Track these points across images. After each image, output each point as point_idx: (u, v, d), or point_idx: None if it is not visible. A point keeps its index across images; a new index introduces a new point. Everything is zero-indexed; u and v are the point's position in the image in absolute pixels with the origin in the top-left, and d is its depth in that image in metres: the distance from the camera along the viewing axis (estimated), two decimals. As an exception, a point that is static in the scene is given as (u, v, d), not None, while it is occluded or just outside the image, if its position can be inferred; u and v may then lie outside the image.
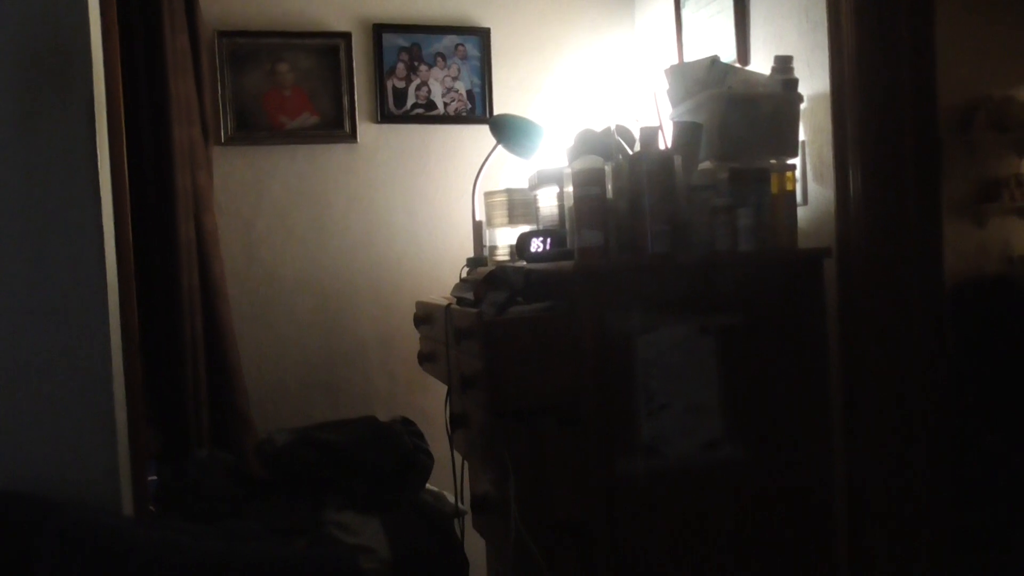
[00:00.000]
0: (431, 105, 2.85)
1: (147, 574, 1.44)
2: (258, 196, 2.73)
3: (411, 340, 2.66)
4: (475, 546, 2.48)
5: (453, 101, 2.87)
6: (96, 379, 1.62)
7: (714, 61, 2.02)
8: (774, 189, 1.83)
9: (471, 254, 2.55)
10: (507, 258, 2.30)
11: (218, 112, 2.65)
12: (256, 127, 2.71)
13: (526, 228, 2.23)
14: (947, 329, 1.96)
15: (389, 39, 2.80)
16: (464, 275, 2.29)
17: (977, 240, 3.97)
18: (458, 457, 2.27)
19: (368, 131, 2.81)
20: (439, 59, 2.85)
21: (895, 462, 1.92)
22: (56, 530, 1.45)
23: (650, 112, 2.30)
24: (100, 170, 1.63)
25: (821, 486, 1.86)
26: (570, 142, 2.03)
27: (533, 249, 1.97)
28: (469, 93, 2.88)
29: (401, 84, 2.82)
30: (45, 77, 1.59)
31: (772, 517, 1.81)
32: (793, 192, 1.85)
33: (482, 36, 2.88)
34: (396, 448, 2.25)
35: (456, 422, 2.15)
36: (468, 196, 2.66)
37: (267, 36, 2.70)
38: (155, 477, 2.08)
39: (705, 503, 1.77)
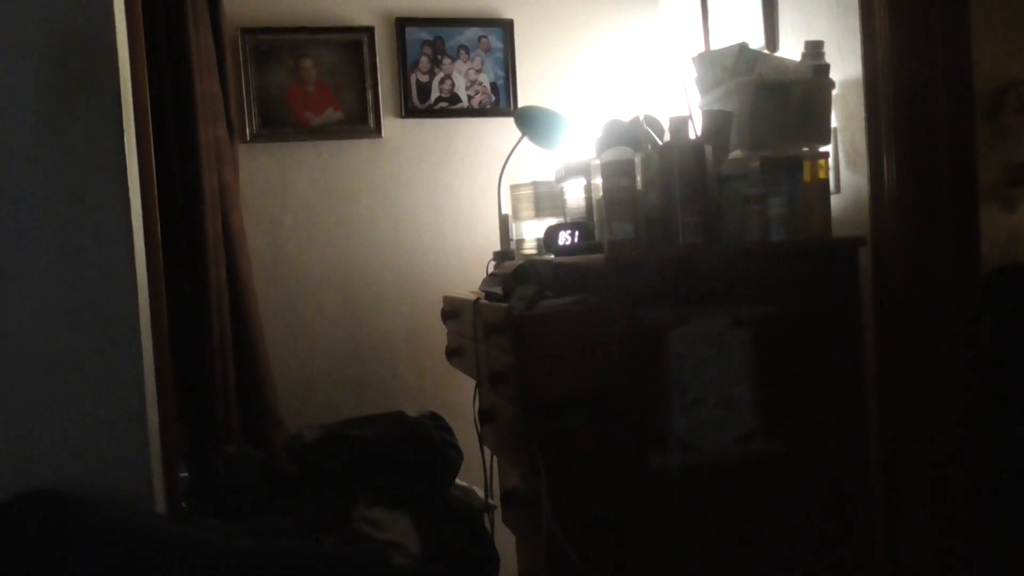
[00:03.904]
0: (455, 98, 2.84)
1: (180, 572, 1.44)
2: (284, 192, 2.73)
3: (438, 335, 2.65)
4: (505, 541, 2.47)
5: (477, 94, 2.85)
6: (128, 377, 1.62)
7: (742, 48, 1.98)
8: (807, 177, 1.80)
9: (498, 248, 2.54)
10: (534, 251, 2.28)
11: (243, 109, 2.66)
12: (281, 124, 2.71)
13: (553, 221, 2.22)
14: (983, 318, 1.92)
15: (412, 33, 2.79)
16: (492, 269, 2.28)
17: (1008, 226, 3.90)
18: (487, 452, 2.26)
19: (392, 126, 2.80)
20: (462, 52, 2.83)
21: (931, 452, 1.89)
22: (90, 527, 1.46)
23: (678, 101, 2.27)
24: (128, 169, 1.63)
25: (856, 477, 1.83)
26: (598, 133, 2.01)
27: (561, 242, 1.95)
28: (493, 85, 2.86)
29: (425, 78, 2.80)
30: (72, 78, 1.59)
31: (807, 509, 1.78)
32: (826, 180, 1.82)
33: (505, 28, 2.86)
34: (425, 443, 2.24)
35: (485, 417, 2.14)
36: (494, 189, 2.64)
37: (290, 32, 2.70)
38: (185, 474, 2.09)
39: (739, 497, 1.75)
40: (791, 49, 2.18)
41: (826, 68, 1.91)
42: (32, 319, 1.59)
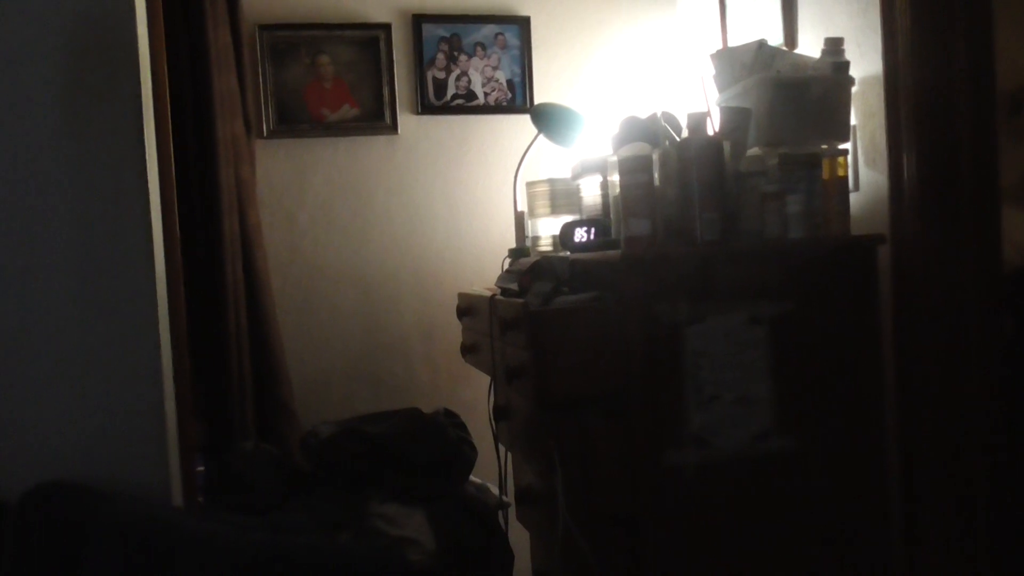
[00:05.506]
0: (471, 95, 2.83)
1: (197, 565, 1.45)
2: (300, 189, 2.74)
3: (453, 331, 2.66)
4: (519, 538, 2.47)
5: (493, 91, 2.85)
6: (145, 372, 1.63)
7: (761, 44, 1.97)
8: (825, 175, 1.78)
9: (513, 245, 2.53)
10: (550, 248, 2.28)
11: (260, 106, 2.67)
12: (298, 120, 2.72)
13: (569, 218, 2.21)
14: (1005, 318, 1.90)
15: (429, 29, 2.79)
16: (507, 266, 2.28)
17: (1028, 227, 3.85)
18: (501, 449, 2.26)
19: (409, 122, 2.80)
20: (479, 49, 2.83)
21: (950, 454, 1.88)
22: (108, 521, 1.47)
23: (696, 98, 2.26)
24: (147, 165, 1.64)
25: (874, 477, 1.82)
26: (615, 129, 2.00)
27: (577, 239, 1.95)
28: (509, 82, 2.86)
29: (441, 75, 2.81)
30: (92, 75, 1.61)
31: (824, 508, 1.77)
32: (845, 178, 1.81)
33: (521, 25, 2.86)
34: (440, 440, 2.24)
35: (500, 414, 2.14)
36: (509, 186, 2.64)
37: (307, 29, 2.71)
38: (202, 469, 2.10)
39: (755, 494, 1.74)
40: (810, 46, 2.16)
41: (846, 65, 1.90)
42: (52, 313, 1.60)
